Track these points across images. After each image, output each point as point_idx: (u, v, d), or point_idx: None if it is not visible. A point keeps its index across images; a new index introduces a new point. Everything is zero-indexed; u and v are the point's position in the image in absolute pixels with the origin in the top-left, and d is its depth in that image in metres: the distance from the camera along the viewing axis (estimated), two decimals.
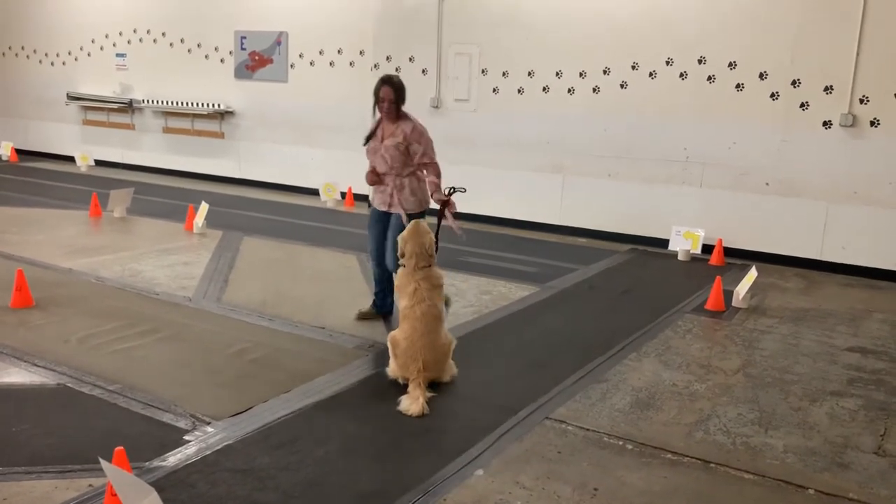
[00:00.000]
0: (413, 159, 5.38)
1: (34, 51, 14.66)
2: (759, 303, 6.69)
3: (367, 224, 5.75)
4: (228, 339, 5.30)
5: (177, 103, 12.85)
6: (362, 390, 4.53)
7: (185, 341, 5.23)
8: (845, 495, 3.52)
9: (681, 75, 8.53)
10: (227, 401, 4.27)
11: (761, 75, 8.08)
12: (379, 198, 5.55)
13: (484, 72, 9.85)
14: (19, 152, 14.72)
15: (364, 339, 5.36)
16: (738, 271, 7.38)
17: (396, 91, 5.33)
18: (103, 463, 2.94)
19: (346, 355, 5.08)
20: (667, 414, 4.33)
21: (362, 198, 10.25)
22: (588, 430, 4.09)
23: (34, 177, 12.50)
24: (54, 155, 14.63)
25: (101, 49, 13.70)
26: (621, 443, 3.96)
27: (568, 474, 3.61)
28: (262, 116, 12.05)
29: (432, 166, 5.41)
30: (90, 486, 3.34)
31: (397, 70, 10.35)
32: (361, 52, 10.85)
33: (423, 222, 4.82)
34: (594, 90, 9.09)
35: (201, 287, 6.53)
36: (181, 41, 12.66)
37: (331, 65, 11.20)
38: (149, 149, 13.55)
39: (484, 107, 9.93)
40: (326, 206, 10.93)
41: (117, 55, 13.52)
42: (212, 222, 8.83)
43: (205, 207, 8.76)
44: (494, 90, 9.81)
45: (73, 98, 14.04)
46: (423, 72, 10.28)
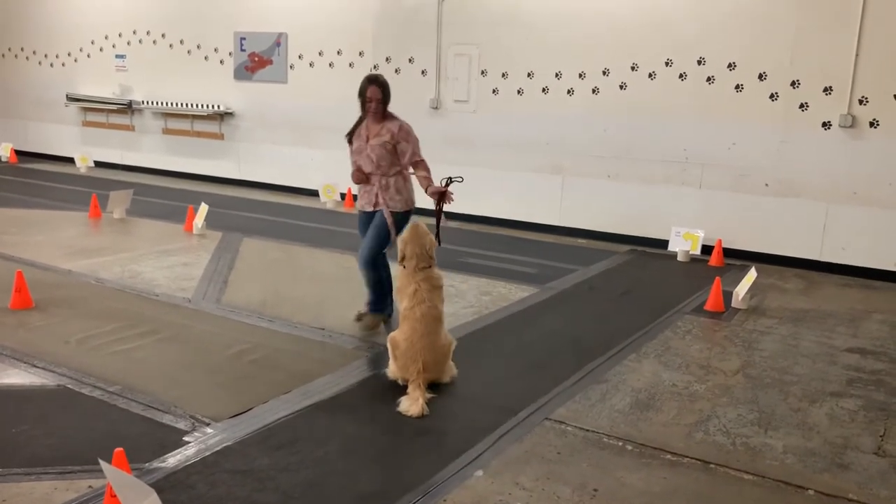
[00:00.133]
0: (401, 159, 5.38)
1: (34, 52, 14.66)
2: (759, 303, 6.69)
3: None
4: (228, 340, 5.30)
5: (176, 104, 12.85)
6: (362, 391, 4.53)
7: (185, 342, 5.23)
8: (845, 496, 3.52)
9: (680, 76, 8.53)
10: (227, 402, 4.27)
11: (761, 76, 8.09)
12: (364, 198, 5.54)
13: (483, 73, 9.85)
14: (19, 153, 14.72)
15: (364, 340, 5.36)
16: (738, 272, 7.38)
17: (383, 90, 5.34)
18: (103, 464, 2.95)
19: (346, 356, 5.08)
20: (666, 415, 4.33)
21: None
22: (588, 430, 4.09)
23: (34, 178, 12.49)
24: (54, 156, 14.64)
25: (101, 50, 13.70)
26: (621, 443, 3.96)
27: (568, 475, 3.61)
28: (262, 117, 12.05)
29: (421, 163, 5.41)
30: (90, 487, 3.34)
31: (397, 71, 10.37)
32: (361, 53, 10.85)
33: (422, 224, 4.82)
34: (594, 91, 9.10)
35: (201, 288, 6.53)
36: (181, 42, 12.66)
37: (330, 66, 11.20)
38: (148, 150, 13.55)
39: (483, 107, 9.93)
40: (326, 207, 10.93)
41: (117, 56, 13.52)
42: (211, 223, 8.83)
43: (204, 208, 8.76)
44: (494, 91, 9.81)
45: (72, 99, 14.04)
46: (423, 73, 10.28)
